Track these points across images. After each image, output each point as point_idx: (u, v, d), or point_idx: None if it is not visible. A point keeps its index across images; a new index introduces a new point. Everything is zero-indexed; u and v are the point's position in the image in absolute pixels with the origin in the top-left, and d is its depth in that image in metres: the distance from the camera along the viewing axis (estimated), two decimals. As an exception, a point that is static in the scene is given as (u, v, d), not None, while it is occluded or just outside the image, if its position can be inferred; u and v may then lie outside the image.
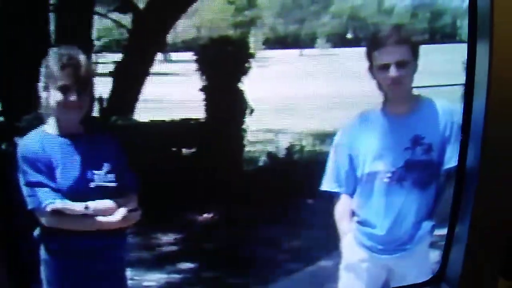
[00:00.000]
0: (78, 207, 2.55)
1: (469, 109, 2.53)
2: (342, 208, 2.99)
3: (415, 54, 2.77)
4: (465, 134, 2.57)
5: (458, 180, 2.63)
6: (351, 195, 2.93)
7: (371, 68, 2.84)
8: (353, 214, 2.95)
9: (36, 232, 2.63)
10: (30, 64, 2.76)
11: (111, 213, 2.60)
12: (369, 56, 2.84)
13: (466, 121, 2.56)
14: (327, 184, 3.01)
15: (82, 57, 2.60)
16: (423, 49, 2.91)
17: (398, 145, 2.77)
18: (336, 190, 2.99)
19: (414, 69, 2.78)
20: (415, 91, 2.84)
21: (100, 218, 2.59)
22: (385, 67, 2.74)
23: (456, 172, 2.65)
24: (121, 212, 2.65)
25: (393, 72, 2.72)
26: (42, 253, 2.64)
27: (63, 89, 2.54)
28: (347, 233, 2.96)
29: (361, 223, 2.91)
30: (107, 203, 2.62)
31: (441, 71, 3.15)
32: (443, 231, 2.83)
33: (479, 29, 2.46)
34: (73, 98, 2.55)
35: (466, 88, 2.60)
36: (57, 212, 2.52)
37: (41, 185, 2.54)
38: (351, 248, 2.96)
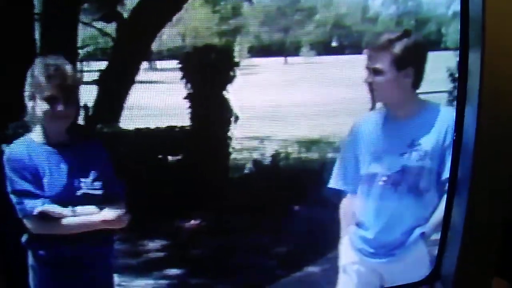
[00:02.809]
0: (64, 210, 2.55)
1: (461, 114, 2.54)
2: (345, 207, 3.00)
3: (397, 64, 2.76)
4: (458, 134, 2.59)
5: (452, 178, 2.64)
6: (356, 194, 2.94)
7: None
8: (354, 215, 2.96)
9: (24, 238, 2.63)
10: (15, 73, 2.75)
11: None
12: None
13: (459, 123, 2.57)
14: (334, 182, 3.02)
15: (68, 67, 2.61)
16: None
17: (395, 149, 2.78)
18: (341, 188, 2.99)
19: (397, 79, 2.78)
20: (420, 98, 2.84)
21: (86, 218, 2.58)
22: (367, 70, 2.78)
23: (450, 170, 2.66)
24: (107, 212, 2.65)
25: (367, 77, 2.77)
26: (30, 260, 2.63)
27: (50, 99, 2.54)
28: (345, 234, 2.97)
29: (357, 224, 2.92)
30: (94, 209, 2.62)
31: (426, 78, 3.17)
32: (436, 237, 2.83)
33: (471, 36, 2.47)
34: (60, 108, 2.55)
35: (458, 95, 2.62)
36: (44, 217, 2.52)
37: (28, 193, 2.54)
38: (346, 250, 2.97)
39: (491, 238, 2.56)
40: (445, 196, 2.73)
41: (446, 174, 2.71)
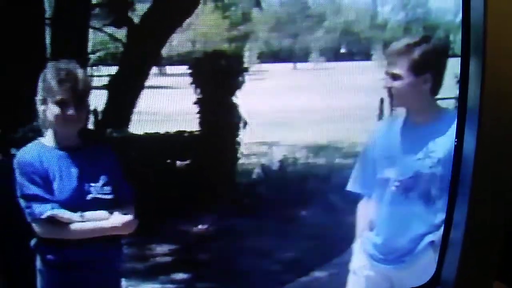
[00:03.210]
0: (73, 215, 2.56)
1: (462, 117, 2.54)
2: (361, 211, 2.99)
3: (416, 69, 2.75)
4: (460, 136, 2.58)
5: (453, 182, 2.63)
6: (371, 199, 2.93)
7: None
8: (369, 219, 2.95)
9: (33, 242, 2.64)
10: (27, 77, 2.77)
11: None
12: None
13: (460, 126, 2.57)
14: (352, 185, 3.00)
15: (79, 71, 2.61)
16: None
17: (410, 155, 2.76)
18: (358, 191, 2.98)
19: (416, 84, 2.76)
20: (439, 104, 2.84)
21: (94, 224, 2.59)
22: (386, 75, 2.76)
23: (451, 173, 2.64)
24: (116, 217, 2.66)
25: (386, 82, 2.75)
26: (38, 263, 2.64)
27: (62, 104, 2.55)
28: (358, 238, 2.96)
29: (370, 229, 2.91)
30: (103, 214, 2.63)
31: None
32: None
33: (472, 43, 2.48)
34: (71, 112, 2.55)
35: (459, 98, 2.62)
36: (52, 221, 2.53)
37: (37, 197, 2.54)
38: (357, 254, 2.96)
39: (492, 242, 2.55)
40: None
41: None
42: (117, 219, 2.66)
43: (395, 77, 2.73)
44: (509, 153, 2.43)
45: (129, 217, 2.67)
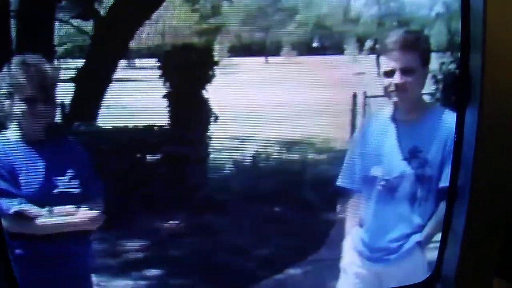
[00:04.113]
0: (41, 211, 2.52)
1: (462, 114, 2.51)
2: (350, 207, 2.95)
3: (423, 62, 2.71)
4: (459, 134, 2.55)
5: (453, 179, 2.60)
6: (361, 195, 2.89)
7: (378, 74, 2.78)
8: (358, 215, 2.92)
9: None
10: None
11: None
12: (377, 61, 2.79)
13: (460, 123, 2.54)
14: (341, 180, 2.96)
15: (48, 67, 2.56)
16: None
17: (397, 154, 2.73)
18: (347, 186, 2.94)
19: (422, 77, 2.72)
20: (427, 101, 2.80)
21: (61, 219, 2.55)
22: (391, 72, 2.70)
23: (451, 171, 2.62)
24: (82, 212, 2.62)
25: (397, 78, 2.68)
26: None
27: (30, 100, 2.50)
28: (348, 235, 2.93)
29: (360, 225, 2.88)
30: (71, 209, 2.58)
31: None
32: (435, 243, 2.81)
33: (472, 36, 2.44)
34: (40, 108, 2.51)
35: (459, 96, 2.58)
36: (20, 216, 2.48)
37: (4, 192, 2.49)
38: (347, 250, 2.93)
39: (492, 238, 2.53)
40: (441, 205, 2.70)
41: (444, 183, 2.67)
42: (84, 214, 2.61)
43: (407, 72, 2.66)
44: (509, 149, 2.41)
45: (94, 212, 2.63)
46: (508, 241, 2.55)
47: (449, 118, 2.61)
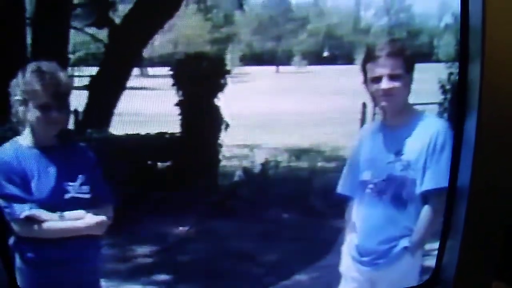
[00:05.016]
0: (52, 215, 2.54)
1: (461, 119, 2.53)
2: (348, 214, 2.98)
3: (408, 68, 2.75)
4: (457, 138, 2.57)
5: (452, 183, 2.62)
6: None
7: (365, 81, 2.82)
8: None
9: (11, 241, 2.61)
10: (6, 77, 2.74)
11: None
12: (363, 68, 2.83)
13: (458, 128, 2.56)
14: (340, 188, 3.00)
15: (63, 75, 2.58)
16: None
17: (384, 158, 2.76)
18: (345, 193, 2.98)
19: (408, 83, 2.76)
20: (414, 107, 2.83)
21: (70, 224, 2.56)
22: (378, 79, 2.73)
23: (450, 175, 2.64)
24: (90, 217, 2.63)
25: (385, 84, 2.72)
26: (18, 262, 2.61)
27: (45, 107, 2.52)
28: (346, 240, 2.96)
29: (354, 231, 2.91)
30: (81, 214, 2.60)
31: (416, 89, 3.17)
32: (429, 247, 2.83)
33: (471, 45, 2.47)
34: (54, 114, 2.52)
35: (457, 108, 2.61)
36: (31, 220, 2.50)
37: (15, 197, 2.51)
38: (344, 255, 2.96)
39: (491, 241, 2.55)
40: (425, 208, 2.72)
41: (426, 186, 2.70)
42: (91, 219, 2.63)
43: (394, 77, 2.70)
44: (508, 152, 2.43)
45: (101, 217, 2.65)
46: (507, 244, 2.57)
47: (434, 122, 2.66)
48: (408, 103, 2.72)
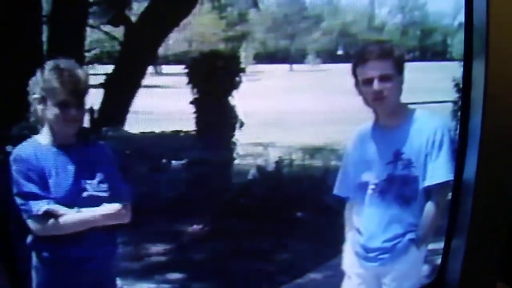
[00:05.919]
0: (70, 211, 2.54)
1: (466, 118, 2.55)
2: (347, 213, 3.01)
3: (398, 68, 2.77)
4: (463, 139, 2.59)
5: (456, 185, 2.64)
6: (355, 201, 2.95)
7: (357, 84, 2.85)
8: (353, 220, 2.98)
9: (29, 239, 2.62)
10: (23, 75, 2.76)
11: None
12: (354, 72, 2.85)
13: (463, 128, 2.58)
14: (336, 189, 3.03)
15: (81, 72, 2.59)
16: (414, 66, 2.94)
17: (382, 158, 2.78)
18: (342, 195, 3.00)
19: (399, 84, 2.78)
20: (408, 106, 2.85)
21: (88, 214, 2.56)
22: (369, 81, 2.75)
23: (454, 176, 2.65)
24: (109, 205, 2.63)
25: (376, 85, 2.74)
26: (34, 260, 2.62)
27: (63, 104, 2.53)
28: (348, 239, 2.98)
29: (356, 229, 2.93)
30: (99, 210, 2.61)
31: (431, 88, 3.19)
32: (435, 246, 2.85)
33: (475, 46, 2.49)
34: (72, 112, 2.53)
35: (462, 105, 2.62)
36: (48, 217, 2.51)
37: (33, 194, 2.52)
38: (348, 254, 2.98)
39: (495, 243, 2.57)
40: (428, 203, 2.75)
41: (428, 182, 2.72)
42: (110, 206, 2.63)
43: (385, 79, 2.73)
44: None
45: (121, 206, 2.64)
46: (511, 245, 2.58)
47: (429, 120, 2.68)
48: (401, 102, 2.74)
